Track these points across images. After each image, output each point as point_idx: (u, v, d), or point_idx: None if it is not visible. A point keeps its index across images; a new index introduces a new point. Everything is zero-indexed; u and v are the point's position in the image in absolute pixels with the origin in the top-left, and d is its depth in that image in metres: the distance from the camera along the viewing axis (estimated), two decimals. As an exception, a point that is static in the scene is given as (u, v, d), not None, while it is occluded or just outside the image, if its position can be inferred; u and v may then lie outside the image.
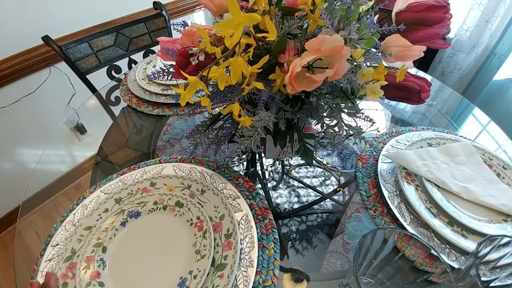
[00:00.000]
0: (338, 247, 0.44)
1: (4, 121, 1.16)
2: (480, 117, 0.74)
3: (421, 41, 0.38)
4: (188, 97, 0.31)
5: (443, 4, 0.35)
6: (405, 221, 0.45)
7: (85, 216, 0.45)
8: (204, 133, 0.48)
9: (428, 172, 0.50)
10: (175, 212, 0.45)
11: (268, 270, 0.39)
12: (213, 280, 0.37)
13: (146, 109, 0.74)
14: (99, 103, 0.86)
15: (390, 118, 0.75)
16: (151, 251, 0.42)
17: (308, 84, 0.32)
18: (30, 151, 1.29)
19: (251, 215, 0.45)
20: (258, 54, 0.34)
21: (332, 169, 0.59)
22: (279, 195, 0.55)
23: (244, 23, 0.27)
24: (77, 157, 1.41)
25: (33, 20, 1.12)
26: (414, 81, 0.39)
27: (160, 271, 0.39)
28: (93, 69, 1.01)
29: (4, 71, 1.08)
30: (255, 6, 0.35)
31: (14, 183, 1.26)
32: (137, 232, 0.44)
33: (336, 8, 0.35)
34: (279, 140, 0.43)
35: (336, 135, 0.42)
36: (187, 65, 0.36)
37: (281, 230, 0.48)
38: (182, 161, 0.56)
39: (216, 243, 0.41)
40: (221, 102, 0.43)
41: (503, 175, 0.52)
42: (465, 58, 1.38)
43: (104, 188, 0.50)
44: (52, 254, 0.41)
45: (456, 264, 0.39)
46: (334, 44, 0.29)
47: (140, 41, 1.11)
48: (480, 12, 1.25)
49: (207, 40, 0.31)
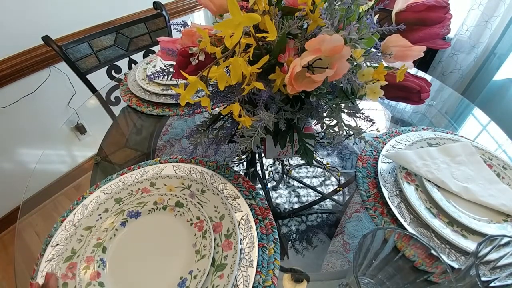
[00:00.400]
0: (338, 247, 0.44)
1: (4, 121, 1.16)
2: (480, 117, 0.74)
3: (421, 41, 0.38)
4: (188, 97, 0.31)
5: (443, 4, 0.35)
6: (405, 221, 0.45)
7: (85, 216, 0.45)
8: (204, 133, 0.48)
9: (428, 172, 0.50)
10: (175, 212, 0.45)
11: (268, 270, 0.39)
12: (213, 280, 0.37)
13: (146, 109, 0.74)
14: (99, 103, 0.86)
15: (390, 118, 0.75)
16: (151, 251, 0.42)
17: (308, 84, 0.32)
18: (30, 151, 1.29)
19: (251, 215, 0.45)
20: (258, 54, 0.34)
21: (332, 169, 0.59)
22: (279, 195, 0.55)
23: (244, 23, 0.27)
24: (77, 157, 1.41)
25: (33, 20, 1.12)
26: (414, 81, 0.39)
27: (160, 271, 0.39)
28: (93, 69, 1.01)
29: (4, 71, 1.08)
30: (255, 6, 0.35)
31: (14, 183, 1.26)
32: (137, 232, 0.44)
33: (336, 8, 0.35)
34: (279, 140, 0.43)
35: (336, 135, 0.42)
36: (187, 65, 0.36)
37: (281, 230, 0.48)
38: (182, 161, 0.56)
39: (216, 243, 0.41)
40: (221, 102, 0.43)
41: (503, 175, 0.52)
42: (465, 58, 1.38)
43: (104, 188, 0.50)
44: (52, 254, 0.41)
45: (456, 264, 0.39)
46: (334, 44, 0.29)
47: (140, 41, 1.11)
48: (480, 12, 1.25)
49: (207, 40, 0.31)
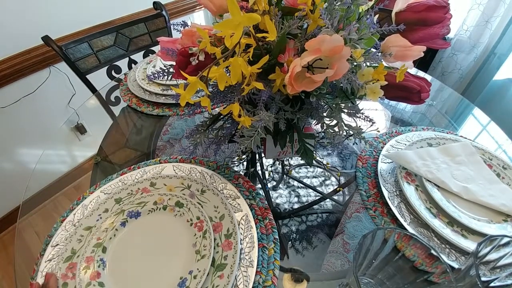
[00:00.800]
0: (338, 247, 0.44)
1: (4, 121, 1.16)
2: (480, 117, 0.74)
3: (421, 41, 0.37)
4: (188, 97, 0.31)
5: (443, 4, 0.35)
6: (405, 221, 0.45)
7: (85, 216, 0.45)
8: (204, 133, 0.48)
9: (428, 172, 0.50)
10: (175, 212, 0.45)
11: (268, 270, 0.39)
12: (213, 280, 0.37)
13: (146, 109, 0.74)
14: (99, 103, 0.86)
15: (390, 118, 0.75)
16: (151, 251, 0.42)
17: (308, 84, 0.32)
18: (30, 151, 1.29)
19: (251, 215, 0.45)
20: (258, 54, 0.34)
21: (332, 169, 0.59)
22: (279, 195, 0.55)
23: (244, 23, 0.27)
24: (77, 157, 1.41)
25: (33, 20, 1.12)
26: (414, 81, 0.39)
27: (160, 271, 0.39)
28: (93, 69, 1.01)
29: (4, 71, 1.08)
30: (255, 6, 0.35)
31: (14, 183, 1.26)
32: (137, 232, 0.44)
33: (336, 8, 0.35)
34: (279, 140, 0.43)
35: (336, 135, 0.42)
36: (187, 65, 0.36)
37: (281, 230, 0.48)
38: (182, 161, 0.56)
39: (216, 243, 0.41)
40: (221, 102, 0.43)
41: (503, 175, 0.52)
42: (465, 58, 1.38)
43: (104, 188, 0.50)
44: (52, 254, 0.41)
45: (456, 264, 0.39)
46: (334, 44, 0.29)
47: (140, 41, 1.11)
48: (480, 12, 1.25)
49: (207, 40, 0.31)
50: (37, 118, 1.27)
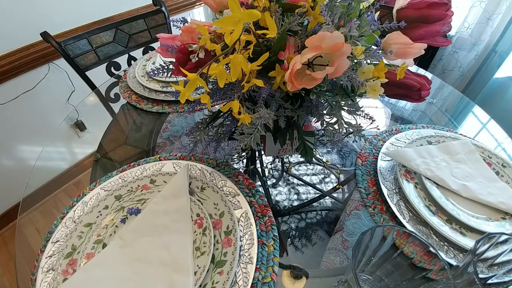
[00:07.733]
0: (337, 244, 0.45)
1: (4, 117, 1.15)
2: (480, 115, 0.74)
3: (422, 38, 0.37)
4: (188, 94, 0.31)
5: (444, 2, 0.35)
6: (404, 218, 0.45)
7: (85, 213, 0.45)
8: (204, 131, 0.48)
9: (427, 170, 0.50)
10: (175, 209, 0.45)
11: (267, 266, 0.40)
12: (213, 277, 0.37)
13: (145, 106, 0.74)
14: (98, 100, 0.86)
15: (390, 116, 0.75)
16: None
17: (308, 81, 0.32)
18: (30, 148, 1.29)
19: (251, 212, 0.45)
20: (258, 51, 0.34)
21: (332, 166, 0.59)
22: (278, 193, 0.55)
23: (244, 19, 0.27)
24: (77, 154, 1.41)
25: (31, 16, 1.11)
26: (414, 79, 0.39)
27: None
28: (92, 66, 1.01)
29: (3, 67, 1.07)
30: (255, 3, 0.35)
31: (14, 180, 1.26)
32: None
33: (336, 5, 0.34)
34: (279, 138, 0.43)
35: (336, 132, 0.42)
36: (186, 62, 0.36)
37: (280, 227, 0.48)
38: (182, 158, 0.56)
39: (216, 240, 0.41)
40: (221, 99, 0.43)
41: (502, 173, 0.52)
42: (466, 55, 1.38)
43: (104, 185, 0.50)
44: (52, 250, 0.41)
45: (454, 261, 0.40)
46: (335, 41, 0.29)
47: (140, 37, 1.11)
48: (481, 10, 1.25)
49: (206, 37, 0.31)
50: (37, 115, 1.26)
